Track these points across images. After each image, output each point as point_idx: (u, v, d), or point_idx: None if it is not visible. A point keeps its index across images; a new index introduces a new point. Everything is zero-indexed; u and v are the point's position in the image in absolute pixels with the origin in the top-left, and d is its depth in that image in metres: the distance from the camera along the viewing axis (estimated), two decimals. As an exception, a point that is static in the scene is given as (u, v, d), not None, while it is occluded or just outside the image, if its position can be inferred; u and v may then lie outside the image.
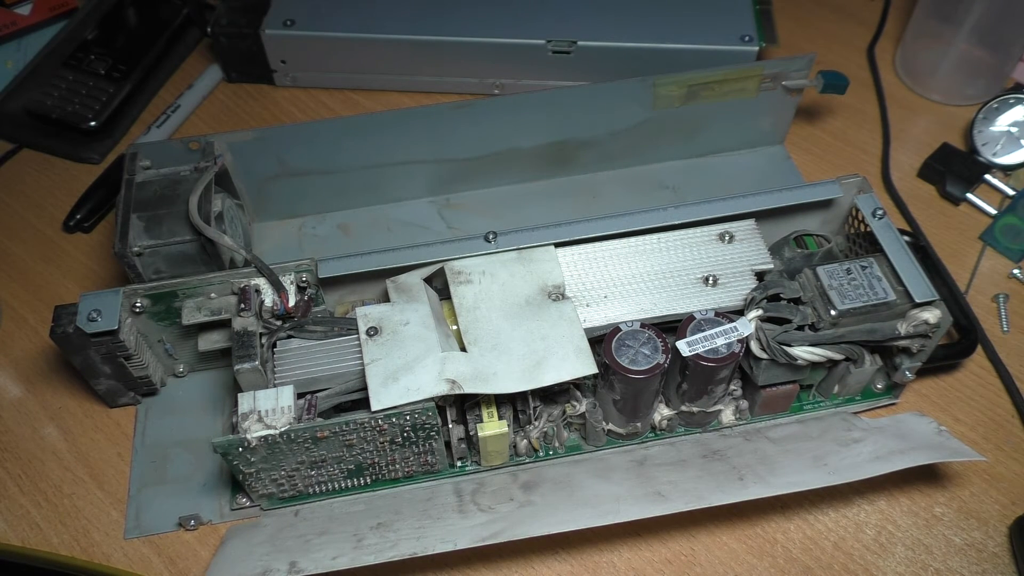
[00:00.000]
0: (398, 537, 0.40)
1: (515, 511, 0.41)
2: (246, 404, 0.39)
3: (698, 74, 0.55)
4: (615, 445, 0.46)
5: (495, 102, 0.56)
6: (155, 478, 0.47)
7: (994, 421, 0.49)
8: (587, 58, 0.62)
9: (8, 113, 0.65)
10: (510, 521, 0.41)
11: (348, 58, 0.65)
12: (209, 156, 0.50)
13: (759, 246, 0.46)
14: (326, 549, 0.40)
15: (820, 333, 0.42)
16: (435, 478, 0.45)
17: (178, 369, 0.50)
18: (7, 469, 0.48)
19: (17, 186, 0.62)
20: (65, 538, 0.45)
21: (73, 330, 0.43)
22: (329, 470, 0.42)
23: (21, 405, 0.51)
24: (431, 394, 0.39)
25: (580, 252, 0.46)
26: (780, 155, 0.62)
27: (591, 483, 0.43)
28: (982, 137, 0.60)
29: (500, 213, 0.58)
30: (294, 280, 0.44)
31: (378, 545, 0.40)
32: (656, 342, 0.41)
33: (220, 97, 0.68)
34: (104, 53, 0.66)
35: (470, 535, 0.40)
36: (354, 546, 0.40)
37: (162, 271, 0.47)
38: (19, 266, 0.57)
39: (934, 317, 0.42)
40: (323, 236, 0.57)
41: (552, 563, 0.44)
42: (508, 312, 0.43)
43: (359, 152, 0.55)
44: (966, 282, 0.55)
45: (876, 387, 0.48)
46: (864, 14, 0.73)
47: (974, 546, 0.44)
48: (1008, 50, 0.63)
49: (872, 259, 0.45)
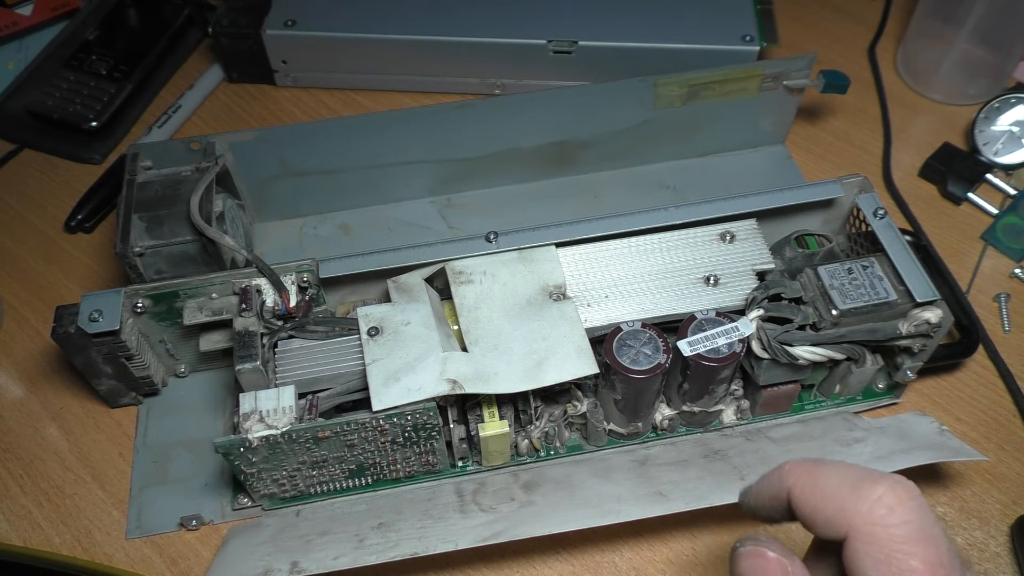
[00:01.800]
0: (399, 537, 0.40)
1: (516, 511, 0.41)
2: (247, 404, 0.40)
3: (699, 74, 0.55)
4: (616, 445, 0.46)
5: (496, 102, 0.56)
6: (156, 478, 0.47)
7: (995, 420, 0.49)
8: (588, 58, 0.62)
9: (9, 113, 0.65)
10: (511, 521, 0.41)
11: (349, 58, 0.65)
12: (210, 156, 0.50)
13: (760, 246, 0.46)
14: (327, 549, 0.40)
15: (821, 333, 0.42)
16: (436, 478, 0.45)
17: (179, 369, 0.50)
18: (9, 469, 0.48)
19: (18, 186, 0.62)
20: (67, 538, 0.45)
21: (75, 330, 0.43)
22: (330, 470, 0.42)
23: (23, 405, 0.51)
24: (432, 394, 0.39)
25: (581, 252, 0.46)
26: (781, 155, 0.62)
27: (592, 483, 0.43)
28: (983, 136, 0.60)
29: (501, 213, 0.58)
30: (295, 280, 0.44)
31: (379, 545, 0.40)
32: (657, 342, 0.41)
33: (221, 97, 0.68)
34: (105, 53, 0.66)
35: (471, 535, 0.40)
36: (355, 546, 0.40)
37: (163, 271, 0.47)
38: (20, 266, 0.57)
39: (935, 317, 0.42)
40: (324, 236, 0.57)
41: (553, 563, 0.44)
42: (509, 312, 0.43)
43: (360, 152, 0.55)
44: (967, 282, 0.55)
45: (877, 387, 0.48)
46: (865, 14, 0.73)
47: (976, 546, 0.44)
48: (1009, 49, 0.63)
49: (873, 259, 0.45)
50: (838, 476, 0.27)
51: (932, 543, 0.25)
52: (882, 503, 0.25)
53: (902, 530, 0.25)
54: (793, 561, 0.27)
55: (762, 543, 0.28)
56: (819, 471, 0.27)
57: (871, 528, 0.25)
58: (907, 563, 0.25)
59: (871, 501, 0.25)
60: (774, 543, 0.28)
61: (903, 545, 0.25)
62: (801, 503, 0.27)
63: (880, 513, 0.25)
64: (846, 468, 0.27)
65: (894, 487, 0.26)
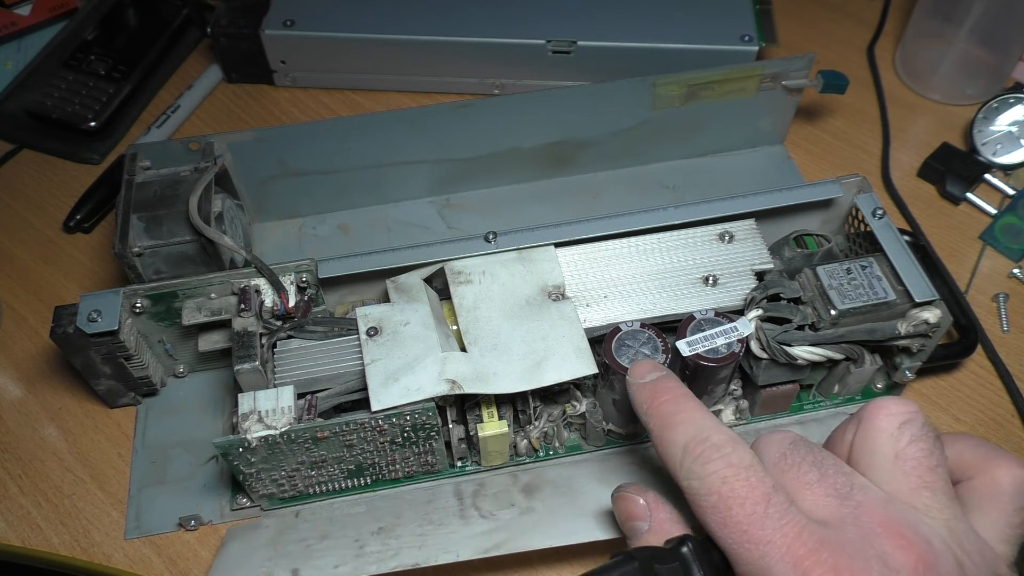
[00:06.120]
0: (400, 544, 0.41)
1: (517, 519, 0.42)
2: (246, 404, 0.39)
3: (698, 74, 0.55)
4: (615, 445, 0.46)
5: (495, 102, 0.56)
6: (155, 478, 0.47)
7: (994, 421, 0.49)
8: (587, 58, 0.62)
9: (8, 114, 0.65)
10: (512, 531, 0.41)
11: (348, 58, 0.65)
12: (209, 156, 0.50)
13: (759, 246, 0.46)
14: (328, 556, 0.40)
15: (820, 333, 0.42)
16: (435, 478, 0.45)
17: (178, 369, 0.50)
18: (7, 469, 0.48)
19: (17, 187, 0.62)
20: (65, 538, 0.45)
21: (73, 330, 0.43)
22: (329, 470, 0.42)
23: (21, 405, 0.51)
24: (431, 394, 0.39)
25: (580, 252, 0.46)
26: (780, 155, 0.62)
27: (592, 487, 0.43)
28: (982, 136, 0.60)
29: (500, 213, 0.58)
30: (294, 280, 0.44)
31: (380, 553, 0.40)
32: (656, 342, 0.41)
33: (220, 97, 0.68)
34: (104, 53, 0.66)
35: (472, 545, 0.40)
36: (356, 553, 0.40)
37: (162, 271, 0.47)
38: (19, 266, 0.57)
39: (934, 317, 0.42)
40: (323, 236, 0.57)
41: (555, 565, 0.44)
42: (508, 312, 0.43)
43: (359, 152, 0.55)
44: (966, 282, 0.55)
45: (876, 387, 0.48)
46: (864, 14, 0.73)
47: (974, 546, 0.44)
48: (1008, 49, 0.63)
49: (872, 259, 0.45)
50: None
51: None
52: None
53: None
54: (646, 493, 0.34)
55: (624, 488, 0.35)
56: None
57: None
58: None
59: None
60: (632, 485, 0.35)
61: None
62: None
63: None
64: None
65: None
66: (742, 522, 0.28)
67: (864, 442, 0.31)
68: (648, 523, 0.33)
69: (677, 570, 0.30)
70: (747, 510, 0.28)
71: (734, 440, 0.31)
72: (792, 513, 0.28)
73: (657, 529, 0.33)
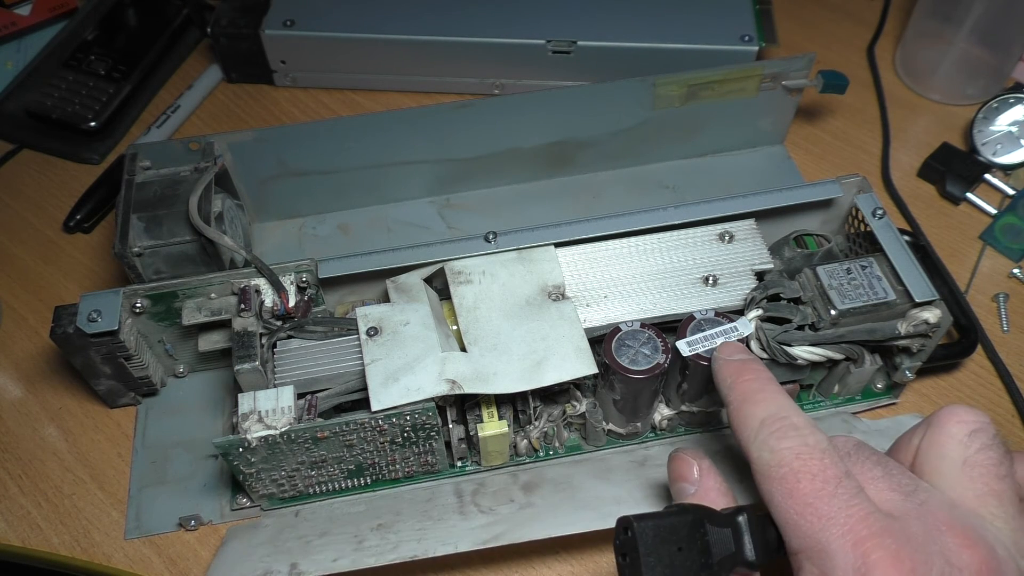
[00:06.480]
0: (399, 539, 0.40)
1: (516, 513, 0.41)
2: (246, 404, 0.39)
3: (698, 74, 0.55)
4: (615, 445, 0.46)
5: (495, 102, 0.56)
6: (155, 478, 0.47)
7: (994, 420, 0.48)
8: (587, 58, 0.62)
9: (8, 114, 0.65)
10: (511, 524, 0.41)
11: (348, 58, 0.65)
12: (209, 156, 0.50)
13: (759, 246, 0.46)
14: (327, 551, 0.40)
15: (820, 333, 0.42)
16: (435, 478, 0.45)
17: (178, 369, 0.50)
18: (7, 469, 0.48)
19: (17, 187, 0.62)
20: (65, 538, 0.45)
21: (73, 330, 0.43)
22: (329, 470, 0.42)
23: (21, 405, 0.51)
24: (431, 394, 0.39)
25: (580, 252, 0.46)
26: (780, 155, 0.62)
27: (592, 484, 0.43)
28: (982, 136, 0.60)
29: (500, 213, 0.58)
30: (294, 280, 0.44)
31: (379, 547, 0.40)
32: (656, 342, 0.41)
33: (220, 97, 0.68)
34: (104, 53, 0.66)
35: (471, 537, 0.40)
36: (355, 548, 0.40)
37: (162, 271, 0.47)
38: (19, 267, 0.57)
39: (934, 317, 0.42)
40: (323, 236, 0.57)
41: (553, 563, 0.44)
42: (508, 312, 0.43)
43: (359, 152, 0.55)
44: (966, 282, 0.55)
45: (876, 387, 0.48)
46: (864, 14, 0.73)
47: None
48: (1008, 49, 0.63)
49: (872, 259, 0.45)
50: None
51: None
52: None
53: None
54: (703, 460, 0.34)
55: (682, 449, 0.35)
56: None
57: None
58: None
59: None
60: (689, 449, 0.35)
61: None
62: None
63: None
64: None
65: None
66: (808, 494, 0.29)
67: (932, 446, 0.31)
68: (696, 488, 0.33)
69: (728, 536, 0.30)
70: (816, 485, 0.29)
71: (812, 424, 0.31)
72: (861, 498, 0.29)
73: (703, 495, 0.33)
